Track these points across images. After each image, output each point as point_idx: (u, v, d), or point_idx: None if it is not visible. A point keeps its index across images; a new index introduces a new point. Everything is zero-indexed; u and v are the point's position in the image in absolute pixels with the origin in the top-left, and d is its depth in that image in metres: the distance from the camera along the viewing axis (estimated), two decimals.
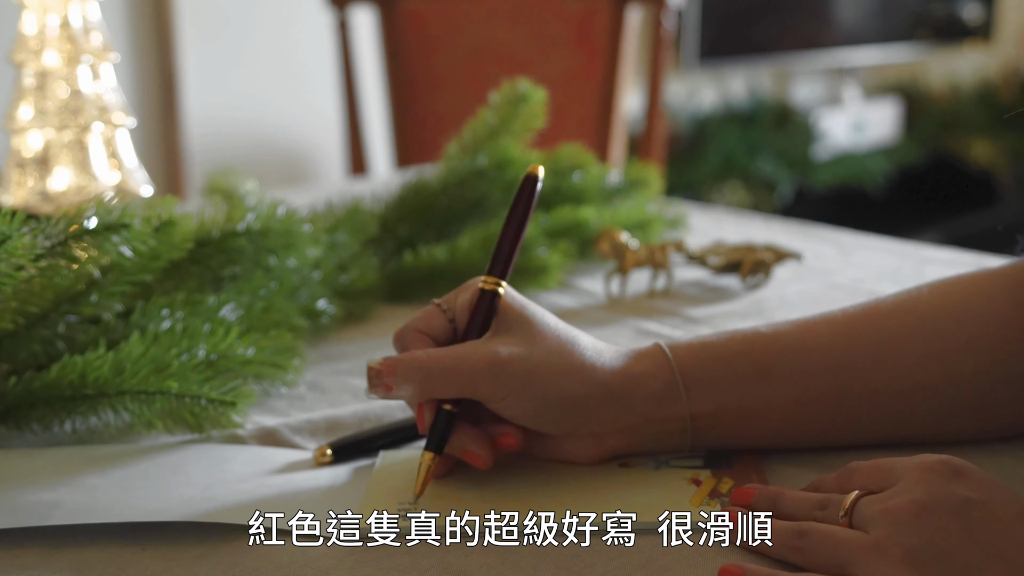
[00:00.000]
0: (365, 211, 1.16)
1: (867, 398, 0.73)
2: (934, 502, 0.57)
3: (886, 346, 0.73)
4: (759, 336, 0.74)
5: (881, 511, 0.58)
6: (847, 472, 0.65)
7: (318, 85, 2.93)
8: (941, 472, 0.58)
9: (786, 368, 0.73)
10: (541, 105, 1.25)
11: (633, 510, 0.66)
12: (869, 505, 0.59)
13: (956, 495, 0.57)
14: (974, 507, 0.56)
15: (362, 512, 0.68)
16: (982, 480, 0.58)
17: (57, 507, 0.68)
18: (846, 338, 0.74)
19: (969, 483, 0.58)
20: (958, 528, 0.56)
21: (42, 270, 0.82)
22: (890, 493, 0.59)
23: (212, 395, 0.80)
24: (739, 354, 0.73)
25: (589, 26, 2.35)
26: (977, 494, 0.57)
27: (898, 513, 0.57)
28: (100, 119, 1.04)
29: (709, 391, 0.72)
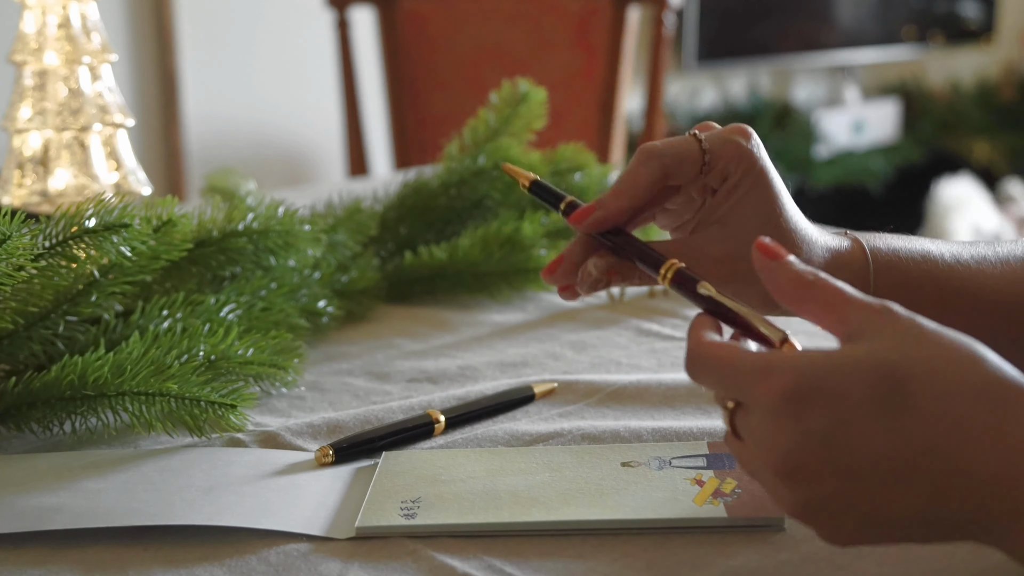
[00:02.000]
0: (365, 211, 1.16)
1: None
2: (789, 454, 0.53)
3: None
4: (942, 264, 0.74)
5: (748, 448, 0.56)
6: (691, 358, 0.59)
7: (318, 85, 2.93)
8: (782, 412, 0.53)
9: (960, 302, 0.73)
10: (541, 105, 1.25)
11: (636, 511, 0.66)
12: (742, 426, 0.57)
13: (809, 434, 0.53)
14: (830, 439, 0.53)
15: (365, 512, 0.68)
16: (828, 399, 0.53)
17: (59, 511, 0.68)
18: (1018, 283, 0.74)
19: (813, 412, 0.53)
20: (825, 467, 0.53)
21: (42, 270, 0.81)
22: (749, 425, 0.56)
23: (212, 397, 0.79)
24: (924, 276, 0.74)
25: (589, 26, 2.35)
26: (826, 421, 0.52)
27: (762, 473, 0.56)
28: (100, 119, 1.04)
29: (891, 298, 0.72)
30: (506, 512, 0.67)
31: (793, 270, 0.59)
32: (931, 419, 0.52)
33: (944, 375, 0.53)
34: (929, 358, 0.53)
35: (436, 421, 0.81)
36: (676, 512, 0.66)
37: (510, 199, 1.22)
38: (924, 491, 0.52)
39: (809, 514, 0.55)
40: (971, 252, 0.76)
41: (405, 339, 1.03)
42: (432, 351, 1.00)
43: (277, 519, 0.68)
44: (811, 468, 0.53)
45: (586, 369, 0.94)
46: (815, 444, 0.53)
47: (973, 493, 0.52)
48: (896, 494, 0.53)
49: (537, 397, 0.87)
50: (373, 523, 0.66)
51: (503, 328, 1.06)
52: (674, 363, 0.95)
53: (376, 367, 0.96)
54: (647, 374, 0.91)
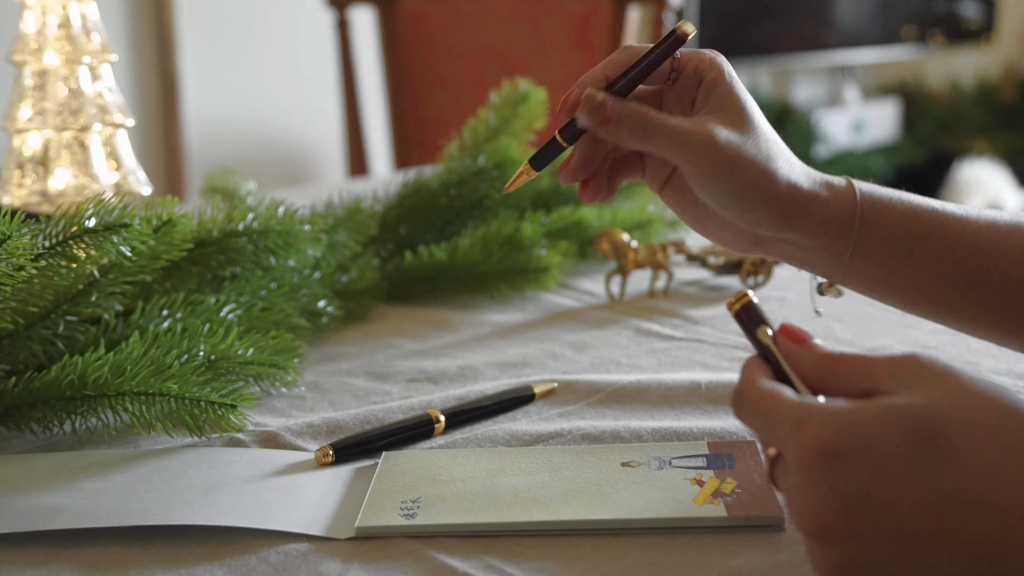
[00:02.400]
0: (365, 211, 1.16)
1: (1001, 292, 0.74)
2: (821, 515, 0.52)
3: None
4: (926, 206, 0.75)
5: (785, 497, 0.55)
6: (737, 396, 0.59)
7: (318, 85, 2.93)
8: (816, 468, 0.52)
9: (944, 242, 0.74)
10: (541, 105, 1.25)
11: (636, 511, 0.66)
12: (782, 475, 0.55)
13: (841, 492, 0.51)
14: (863, 498, 0.51)
15: (365, 512, 0.68)
16: (861, 454, 0.51)
17: (59, 511, 0.68)
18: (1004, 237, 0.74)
19: (848, 470, 0.51)
20: (855, 529, 0.51)
21: (42, 270, 0.81)
22: (785, 477, 0.54)
23: (212, 397, 0.79)
24: (913, 219, 0.74)
25: (589, 26, 2.35)
26: (862, 478, 0.51)
27: (796, 518, 0.53)
28: (99, 119, 1.04)
29: (877, 240, 0.73)
30: (506, 512, 0.67)
31: (818, 352, 0.58)
32: (972, 468, 0.50)
33: (983, 423, 0.50)
34: (966, 405, 0.51)
35: (436, 421, 0.81)
36: (676, 512, 0.66)
37: (510, 199, 1.22)
38: (966, 544, 0.50)
39: (841, 571, 0.52)
40: (981, 213, 0.76)
41: (405, 339, 1.03)
42: (432, 351, 1.00)
43: (277, 519, 0.68)
44: (843, 528, 0.51)
45: (586, 369, 0.94)
46: (847, 504, 0.51)
47: (1018, 541, 0.49)
48: (937, 551, 0.50)
49: (537, 397, 0.87)
50: (373, 523, 0.66)
51: (503, 328, 1.06)
52: (674, 363, 0.95)
53: (376, 367, 0.96)
54: (647, 374, 0.91)
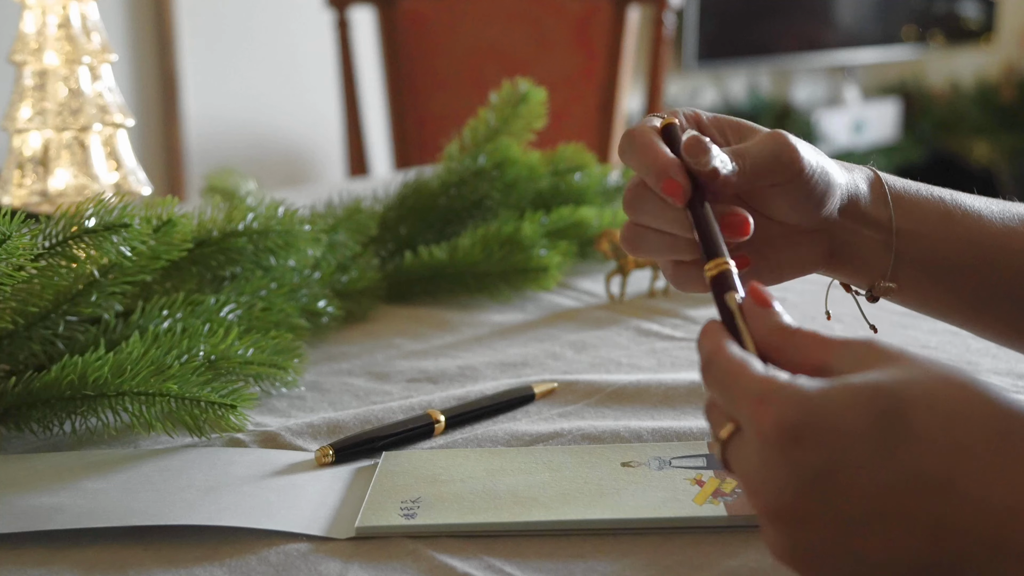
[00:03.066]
0: (365, 211, 1.16)
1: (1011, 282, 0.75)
2: (778, 497, 0.50)
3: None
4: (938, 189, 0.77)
5: (740, 484, 0.54)
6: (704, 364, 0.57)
7: (318, 85, 2.93)
8: (775, 445, 0.50)
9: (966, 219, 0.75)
10: (541, 105, 1.25)
11: (636, 510, 0.66)
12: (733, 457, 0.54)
13: (797, 474, 0.50)
14: (820, 478, 0.49)
15: (365, 512, 0.68)
16: (823, 436, 0.50)
17: (59, 511, 0.68)
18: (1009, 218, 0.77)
19: (807, 450, 0.49)
20: (815, 513, 0.50)
21: (42, 270, 0.81)
22: (739, 457, 0.53)
23: (212, 398, 0.79)
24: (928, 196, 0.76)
25: (589, 26, 2.35)
26: (820, 461, 0.49)
27: (754, 501, 0.52)
28: (100, 119, 1.04)
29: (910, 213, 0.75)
30: (506, 512, 0.67)
31: (777, 320, 0.58)
32: (936, 447, 0.49)
33: (947, 402, 0.49)
34: (929, 386, 0.50)
35: (436, 421, 0.81)
36: (676, 512, 0.66)
37: (510, 199, 1.22)
38: (928, 528, 0.49)
39: (797, 560, 0.52)
40: (995, 204, 0.78)
41: (405, 339, 1.03)
42: (432, 351, 1.00)
43: (277, 519, 0.68)
44: (800, 511, 0.50)
45: (586, 369, 0.94)
46: (805, 487, 0.50)
47: (983, 527, 0.48)
48: (897, 534, 0.49)
49: (537, 397, 0.87)
50: (373, 523, 0.66)
51: (503, 328, 1.06)
52: (674, 363, 0.95)
53: (376, 367, 0.96)
54: (647, 374, 0.91)
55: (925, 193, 0.76)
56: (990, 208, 0.77)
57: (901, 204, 0.75)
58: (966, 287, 0.76)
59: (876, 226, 0.75)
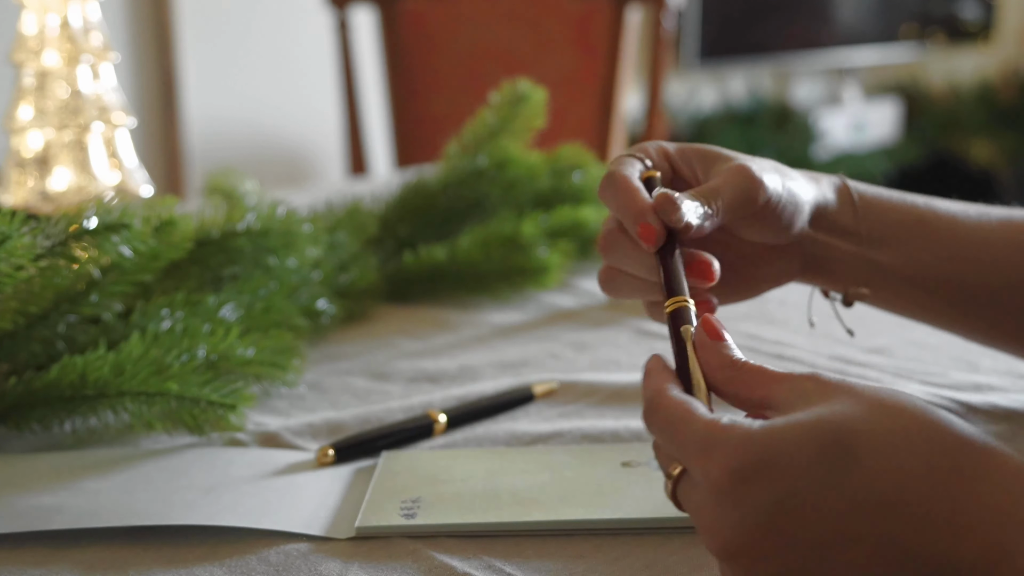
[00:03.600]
0: (365, 211, 1.16)
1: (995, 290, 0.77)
2: (729, 537, 0.51)
3: None
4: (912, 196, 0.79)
5: (695, 520, 0.53)
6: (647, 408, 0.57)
7: (318, 85, 2.93)
8: (728, 491, 0.51)
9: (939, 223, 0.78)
10: (541, 105, 1.25)
11: (637, 510, 0.66)
12: (685, 498, 0.54)
13: (751, 511, 0.50)
14: (776, 515, 0.50)
15: (365, 512, 0.68)
16: (773, 471, 0.50)
17: (59, 511, 0.68)
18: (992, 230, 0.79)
19: (761, 485, 0.50)
20: (772, 548, 0.50)
21: (42, 270, 0.81)
22: (693, 503, 0.53)
23: (212, 397, 0.79)
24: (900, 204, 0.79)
25: (589, 26, 2.35)
26: (773, 494, 0.50)
27: (709, 543, 0.52)
28: (100, 119, 1.04)
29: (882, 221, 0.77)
30: (506, 512, 0.67)
31: (727, 354, 0.58)
32: (879, 472, 0.49)
33: (888, 429, 0.50)
34: (870, 414, 0.51)
35: (436, 421, 0.81)
36: (676, 512, 0.66)
37: (510, 199, 1.22)
38: (881, 548, 0.49)
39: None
40: (971, 208, 0.80)
41: (405, 339, 1.03)
42: (432, 351, 1.00)
43: (277, 519, 0.68)
44: (756, 549, 0.50)
45: (586, 369, 0.94)
46: (759, 524, 0.50)
47: (937, 544, 0.49)
48: (852, 557, 0.50)
49: (537, 397, 0.87)
50: (373, 523, 0.66)
51: (503, 328, 1.06)
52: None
53: (376, 367, 0.96)
54: None
55: (897, 199, 0.78)
56: (966, 212, 0.79)
57: (871, 211, 0.77)
58: (942, 290, 0.78)
59: (847, 235, 0.77)
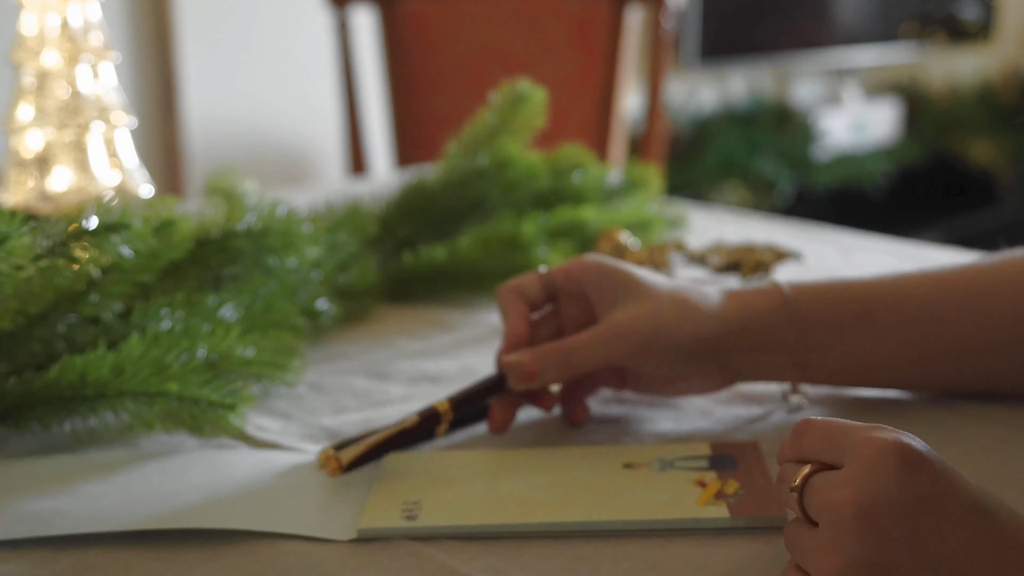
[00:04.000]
0: (365, 211, 1.16)
1: (958, 351, 0.78)
2: (878, 505, 0.52)
3: (977, 301, 0.78)
4: (862, 283, 0.79)
5: (825, 505, 0.54)
6: (798, 433, 0.59)
7: (318, 85, 2.93)
8: (892, 462, 0.52)
9: (887, 314, 0.78)
10: (541, 105, 1.25)
11: (639, 512, 0.66)
12: (817, 491, 0.55)
13: (905, 493, 0.52)
14: (921, 508, 0.51)
15: (366, 514, 0.67)
16: (935, 472, 0.52)
17: (60, 516, 0.68)
18: (941, 291, 0.79)
19: (921, 476, 0.52)
20: (901, 536, 0.51)
21: (42, 270, 0.81)
22: (835, 481, 0.54)
23: (212, 397, 0.79)
24: (844, 299, 0.79)
25: (589, 26, 2.35)
26: (928, 490, 0.52)
27: (841, 512, 0.53)
28: (100, 119, 1.04)
29: (820, 327, 0.78)
30: (508, 513, 0.67)
31: None
32: None
33: None
34: None
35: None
36: (679, 513, 0.66)
37: (510, 199, 1.22)
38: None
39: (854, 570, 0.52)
40: (893, 273, 0.81)
41: (405, 339, 1.03)
42: (432, 351, 1.00)
43: (278, 521, 0.67)
44: (890, 528, 0.51)
45: None
46: (908, 505, 0.51)
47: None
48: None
49: None
50: (375, 525, 0.66)
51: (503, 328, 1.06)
52: None
53: (376, 367, 0.96)
54: None
55: (835, 296, 0.79)
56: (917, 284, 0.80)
57: (811, 321, 0.78)
58: (885, 377, 0.81)
59: (779, 350, 0.78)
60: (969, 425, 0.78)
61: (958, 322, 0.78)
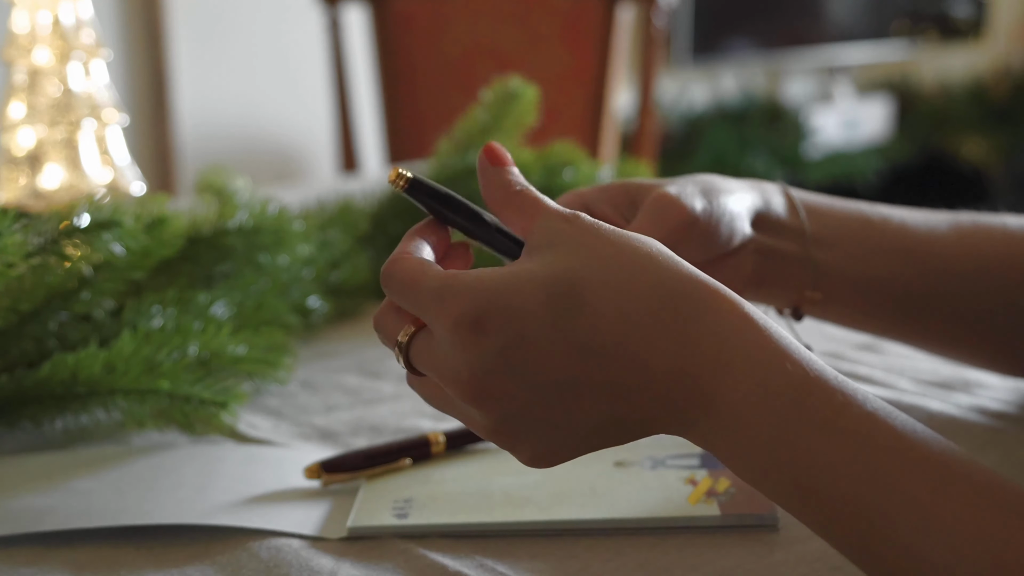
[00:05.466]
0: (356, 208, 1.16)
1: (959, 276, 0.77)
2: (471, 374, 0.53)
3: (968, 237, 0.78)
4: (862, 204, 0.80)
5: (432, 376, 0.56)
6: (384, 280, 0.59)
7: (310, 83, 2.93)
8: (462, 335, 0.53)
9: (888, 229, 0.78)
10: (533, 102, 1.25)
11: (630, 511, 0.66)
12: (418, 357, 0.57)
13: (485, 354, 0.53)
14: (507, 358, 0.52)
15: (357, 512, 0.68)
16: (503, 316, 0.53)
17: (51, 512, 0.68)
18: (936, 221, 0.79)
19: (492, 330, 0.52)
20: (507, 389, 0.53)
21: (33, 268, 0.81)
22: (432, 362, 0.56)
23: (203, 395, 0.79)
24: (847, 207, 0.79)
25: (580, 24, 2.35)
26: (504, 339, 0.52)
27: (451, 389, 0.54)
28: (91, 116, 1.04)
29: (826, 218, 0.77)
30: (499, 512, 0.67)
31: (504, 177, 0.61)
32: (605, 320, 0.52)
33: (618, 276, 0.53)
34: (604, 262, 0.54)
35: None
36: (670, 511, 0.66)
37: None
38: (606, 393, 0.53)
39: (504, 434, 0.55)
40: (922, 215, 0.80)
41: None
42: None
43: (269, 518, 0.67)
44: (497, 387, 0.53)
45: None
46: (497, 363, 0.53)
47: (655, 388, 0.53)
48: (581, 399, 0.53)
49: None
50: (365, 523, 0.66)
51: None
52: None
53: (367, 364, 0.96)
54: None
55: (840, 205, 0.79)
56: (913, 216, 0.79)
57: (816, 213, 0.77)
58: (891, 293, 0.78)
59: (792, 236, 0.76)
60: None
61: (953, 249, 0.78)
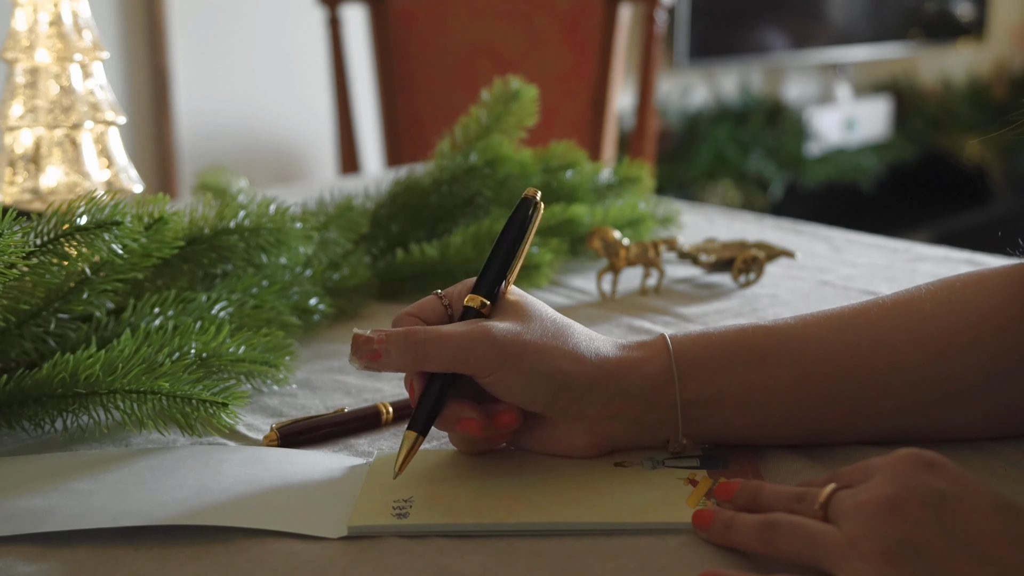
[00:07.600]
0: (356, 209, 1.16)
1: (867, 387, 0.73)
2: (906, 495, 0.56)
3: (885, 336, 0.74)
4: (757, 327, 0.75)
5: (854, 505, 0.57)
6: (833, 474, 0.63)
7: (309, 83, 2.93)
8: (913, 463, 0.58)
9: (784, 354, 0.73)
10: (533, 103, 1.25)
11: (630, 511, 0.66)
12: (843, 499, 0.59)
13: (928, 487, 0.56)
14: (946, 499, 0.56)
15: (357, 512, 0.68)
16: (955, 473, 0.57)
17: (51, 513, 0.68)
18: (844, 330, 0.74)
19: (941, 474, 0.57)
20: (930, 520, 0.55)
21: (33, 268, 0.81)
22: (864, 487, 0.59)
23: (203, 395, 0.79)
24: (736, 341, 0.73)
25: (580, 24, 2.35)
26: (949, 486, 0.56)
27: (871, 507, 0.57)
28: (91, 117, 1.04)
29: (706, 375, 0.72)
30: (499, 512, 0.67)
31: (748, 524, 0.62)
32: None
33: None
34: None
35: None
36: (669, 512, 0.66)
37: (501, 197, 1.22)
38: None
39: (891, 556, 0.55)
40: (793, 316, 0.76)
41: None
42: None
43: (269, 518, 0.67)
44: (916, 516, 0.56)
45: None
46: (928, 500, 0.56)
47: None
48: None
49: None
50: (365, 522, 0.66)
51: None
52: None
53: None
54: None
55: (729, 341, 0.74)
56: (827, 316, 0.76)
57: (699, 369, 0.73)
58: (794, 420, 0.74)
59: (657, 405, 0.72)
60: None
61: (863, 356, 0.73)
